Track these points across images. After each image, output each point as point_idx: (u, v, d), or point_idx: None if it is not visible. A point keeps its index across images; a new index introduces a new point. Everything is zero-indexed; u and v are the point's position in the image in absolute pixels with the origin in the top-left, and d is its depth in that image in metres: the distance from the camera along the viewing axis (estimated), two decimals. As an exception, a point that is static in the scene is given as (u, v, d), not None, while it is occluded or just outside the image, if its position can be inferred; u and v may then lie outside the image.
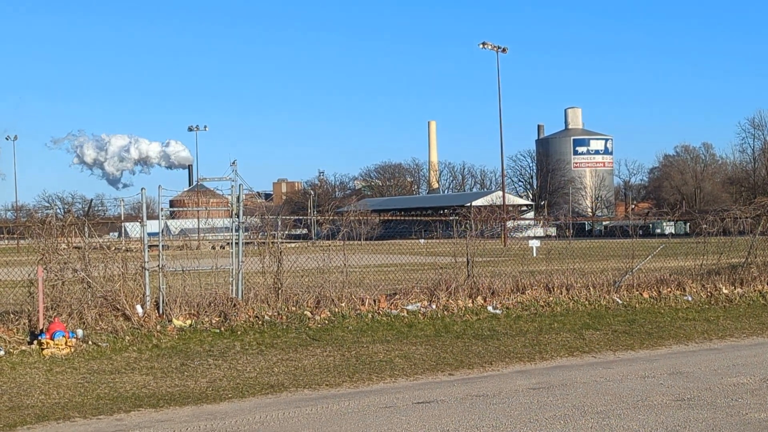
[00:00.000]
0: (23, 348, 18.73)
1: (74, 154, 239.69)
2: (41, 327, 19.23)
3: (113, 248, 26.84)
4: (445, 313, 23.81)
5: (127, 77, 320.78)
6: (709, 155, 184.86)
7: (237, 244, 22.83)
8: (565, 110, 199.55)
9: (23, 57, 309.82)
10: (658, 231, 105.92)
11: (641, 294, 27.12)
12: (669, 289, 27.69)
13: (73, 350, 18.64)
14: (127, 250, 29.02)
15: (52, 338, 18.54)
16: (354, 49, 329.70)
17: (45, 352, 18.39)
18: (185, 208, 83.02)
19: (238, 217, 22.93)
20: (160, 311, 21.37)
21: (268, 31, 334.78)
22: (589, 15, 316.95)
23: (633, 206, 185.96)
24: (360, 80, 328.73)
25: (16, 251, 45.28)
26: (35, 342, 18.83)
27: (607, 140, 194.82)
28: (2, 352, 18.33)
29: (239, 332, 20.89)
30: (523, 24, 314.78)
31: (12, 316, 20.23)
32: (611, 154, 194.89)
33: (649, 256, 29.69)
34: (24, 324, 19.78)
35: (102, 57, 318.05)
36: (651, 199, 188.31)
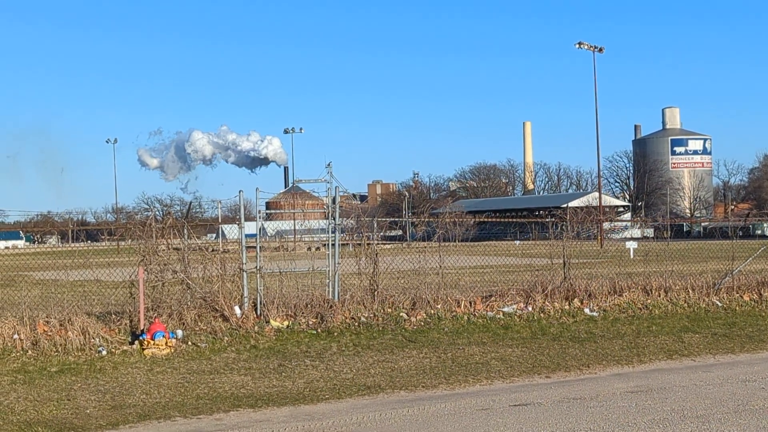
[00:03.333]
0: (124, 348, 19.10)
1: (139, 159, 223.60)
2: (142, 327, 19.59)
3: (211, 249, 27.23)
4: (542, 315, 23.69)
5: (223, 81, 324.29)
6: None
7: (333, 245, 22.96)
8: (663, 110, 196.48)
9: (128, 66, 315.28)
10: (759, 232, 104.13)
11: (742, 296, 26.67)
12: (770, 292, 27.15)
13: (173, 350, 18.95)
14: (225, 252, 29.44)
15: (152, 338, 18.87)
16: (449, 51, 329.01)
17: (146, 352, 18.72)
18: (281, 210, 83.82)
19: (334, 218, 23.07)
20: (258, 312, 21.61)
21: (363, 38, 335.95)
22: (685, 14, 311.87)
23: (732, 207, 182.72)
24: (454, 81, 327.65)
25: (116, 252, 46.17)
26: (136, 342, 19.18)
27: (705, 140, 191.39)
28: (104, 352, 18.71)
29: (336, 333, 21.03)
30: (619, 24, 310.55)
31: (114, 316, 20.65)
32: (710, 154, 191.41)
33: (750, 258, 29.19)
34: (125, 324, 20.17)
35: (197, 66, 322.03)
36: (751, 199, 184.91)
